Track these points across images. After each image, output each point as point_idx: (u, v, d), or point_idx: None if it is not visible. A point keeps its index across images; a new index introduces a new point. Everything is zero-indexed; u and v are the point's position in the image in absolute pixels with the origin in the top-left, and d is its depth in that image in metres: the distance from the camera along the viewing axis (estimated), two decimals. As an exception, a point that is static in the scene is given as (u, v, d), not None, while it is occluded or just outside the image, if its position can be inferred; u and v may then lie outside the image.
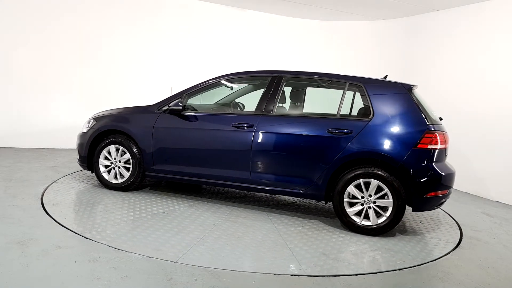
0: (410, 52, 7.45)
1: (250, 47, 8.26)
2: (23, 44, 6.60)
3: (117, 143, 4.55)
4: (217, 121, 4.34)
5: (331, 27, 8.55)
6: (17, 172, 5.13)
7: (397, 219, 3.77)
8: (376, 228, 3.81)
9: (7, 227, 3.32)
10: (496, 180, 5.92)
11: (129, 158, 4.52)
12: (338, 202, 3.90)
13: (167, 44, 7.59)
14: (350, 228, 3.91)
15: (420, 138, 3.75)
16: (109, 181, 4.64)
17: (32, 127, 6.83)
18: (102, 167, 4.64)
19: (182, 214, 4.05)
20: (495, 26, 5.98)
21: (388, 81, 4.22)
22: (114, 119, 4.67)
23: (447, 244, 3.87)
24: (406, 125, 3.85)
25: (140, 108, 4.71)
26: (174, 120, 4.39)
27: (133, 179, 4.54)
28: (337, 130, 3.90)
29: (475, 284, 3.05)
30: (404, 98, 3.95)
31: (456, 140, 6.41)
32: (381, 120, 3.87)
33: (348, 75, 4.25)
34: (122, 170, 4.59)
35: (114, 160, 4.60)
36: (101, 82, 7.16)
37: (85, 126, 4.80)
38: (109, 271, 2.71)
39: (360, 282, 2.91)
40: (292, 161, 4.06)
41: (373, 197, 3.80)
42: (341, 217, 3.93)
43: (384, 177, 3.74)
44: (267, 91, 4.25)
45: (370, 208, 3.82)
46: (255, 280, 2.80)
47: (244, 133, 4.11)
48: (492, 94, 5.97)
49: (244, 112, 4.77)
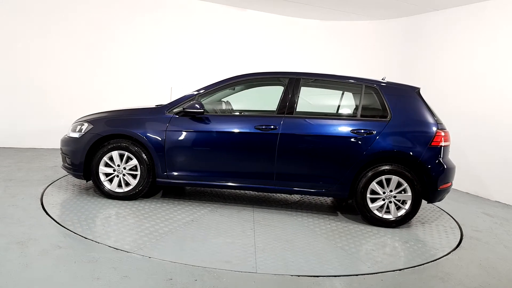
0: (410, 52, 7.45)
1: (250, 47, 8.26)
2: (23, 44, 6.60)
3: (121, 148, 4.18)
4: (238, 123, 4.25)
5: (331, 27, 8.55)
6: (17, 172, 5.13)
7: (415, 211, 4.13)
8: (396, 220, 4.14)
9: (7, 227, 3.32)
10: (496, 180, 5.92)
11: (136, 165, 4.19)
12: (361, 199, 4.11)
13: (167, 44, 7.59)
14: (373, 223, 4.17)
15: (433, 137, 4.12)
16: (112, 190, 4.26)
17: (32, 127, 6.83)
18: (103, 175, 4.26)
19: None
20: (495, 26, 5.98)
21: (399, 83, 4.48)
22: (117, 122, 4.32)
23: (448, 244, 3.87)
24: (420, 125, 4.20)
25: (144, 110, 4.41)
26: (189, 123, 4.18)
27: (141, 187, 4.22)
28: (361, 130, 4.11)
29: (475, 284, 3.04)
30: (416, 99, 4.32)
31: (457, 140, 6.41)
32: (399, 121, 4.17)
33: (362, 77, 4.46)
34: (128, 177, 4.24)
35: (117, 167, 4.24)
36: (101, 82, 7.17)
37: (75, 130, 4.37)
38: (109, 271, 2.71)
39: (360, 282, 2.91)
40: (317, 162, 4.18)
41: (394, 192, 4.09)
42: (364, 213, 4.16)
43: (405, 173, 4.04)
44: (287, 93, 4.27)
45: (390, 202, 4.12)
46: (255, 280, 2.79)
47: (268, 135, 4.11)
48: (492, 94, 5.97)
49: (265, 113, 4.55)
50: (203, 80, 7.60)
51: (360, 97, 4.32)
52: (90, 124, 4.30)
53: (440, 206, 5.29)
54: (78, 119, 4.57)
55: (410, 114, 4.24)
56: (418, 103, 4.29)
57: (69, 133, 4.43)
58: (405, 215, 4.12)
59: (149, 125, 4.21)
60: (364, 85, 4.35)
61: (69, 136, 4.41)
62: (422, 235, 4.09)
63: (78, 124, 4.41)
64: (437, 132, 4.15)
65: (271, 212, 4.37)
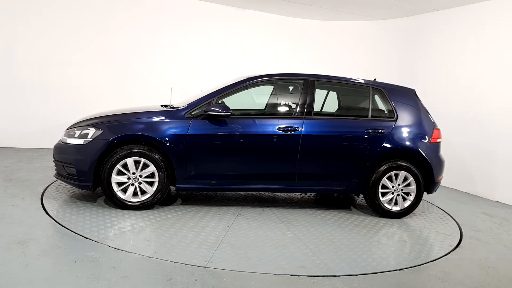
0: (410, 52, 7.45)
1: (250, 47, 8.26)
2: (23, 44, 6.60)
3: (138, 154, 3.90)
4: (260, 124, 4.22)
5: (331, 27, 8.55)
6: (17, 172, 5.13)
7: (418, 202, 4.51)
8: (403, 211, 4.52)
9: (7, 227, 3.32)
10: (496, 180, 5.92)
11: (153, 172, 3.94)
12: (373, 194, 4.41)
13: (167, 44, 7.58)
14: (383, 215, 4.49)
15: (432, 134, 4.57)
16: (127, 200, 3.94)
17: (32, 127, 6.83)
18: (115, 185, 3.95)
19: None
20: (495, 26, 5.98)
21: (400, 85, 4.84)
22: (131, 126, 3.98)
23: (447, 244, 3.87)
24: (421, 123, 4.60)
25: (158, 113, 4.13)
26: (211, 125, 4.05)
27: (159, 194, 3.99)
28: (374, 130, 4.39)
29: (475, 284, 3.05)
30: (415, 100, 4.73)
31: (457, 140, 6.41)
32: (404, 120, 4.54)
33: (368, 79, 4.75)
34: (145, 185, 3.97)
35: (132, 175, 3.95)
36: (101, 82, 7.16)
37: (77, 136, 4.00)
38: (109, 271, 2.71)
39: (360, 282, 2.91)
40: (336, 161, 4.38)
41: (401, 185, 4.45)
42: (376, 206, 4.46)
43: (411, 168, 4.41)
44: (304, 94, 4.38)
45: (398, 195, 4.47)
46: (255, 280, 2.80)
47: (291, 136, 4.20)
48: (492, 94, 5.97)
49: (285, 115, 4.48)
50: (203, 80, 7.63)
51: (369, 98, 4.59)
52: (98, 129, 3.94)
53: (440, 206, 5.30)
54: (76, 124, 4.18)
55: (412, 114, 4.60)
56: (418, 104, 4.70)
57: (67, 139, 4.07)
58: (410, 206, 4.49)
59: (169, 129, 3.98)
60: (371, 87, 4.63)
61: (68, 143, 4.04)
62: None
63: (79, 129, 4.05)
64: (434, 129, 4.61)
65: (291, 212, 4.44)
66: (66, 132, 4.17)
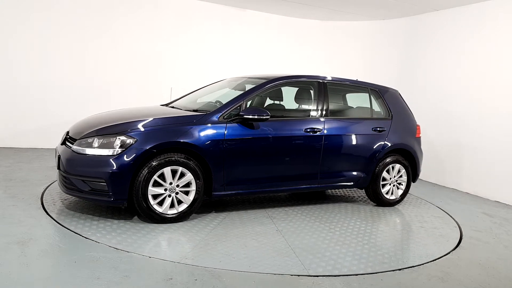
0: (410, 52, 7.45)
1: (250, 47, 8.26)
2: (23, 44, 6.59)
3: (176, 163, 3.64)
4: (289, 127, 4.30)
5: (331, 27, 8.55)
6: (17, 172, 5.13)
7: (407, 190, 5.12)
8: (397, 200, 5.05)
9: (7, 227, 3.32)
10: (496, 180, 5.92)
11: (190, 181, 3.73)
12: (376, 186, 4.84)
13: (167, 44, 7.58)
14: (383, 205, 4.97)
15: (416, 130, 5.16)
16: (164, 214, 3.67)
17: (32, 126, 6.83)
18: (151, 197, 3.63)
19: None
20: (495, 26, 5.98)
21: (387, 86, 5.27)
22: (171, 133, 3.67)
23: (447, 244, 3.87)
24: (409, 121, 5.16)
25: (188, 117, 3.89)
26: (245, 129, 3.99)
27: (196, 204, 3.81)
28: (378, 128, 4.81)
29: (475, 284, 3.05)
30: (401, 100, 5.26)
31: (456, 140, 6.42)
32: (397, 119, 5.03)
33: (365, 81, 5.14)
34: (182, 195, 3.74)
35: (169, 185, 3.69)
36: (101, 82, 7.16)
37: (102, 146, 3.54)
38: (109, 271, 2.71)
39: (360, 282, 2.91)
40: (352, 158, 4.70)
41: (396, 177, 4.97)
42: (378, 197, 4.91)
43: (403, 161, 4.98)
44: (319, 96, 4.58)
45: (394, 186, 4.97)
46: (255, 280, 2.80)
47: (316, 137, 4.38)
48: (492, 93, 5.97)
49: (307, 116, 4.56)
50: (203, 80, 7.61)
51: (370, 99, 5.00)
52: (130, 137, 3.54)
53: (440, 206, 5.30)
54: (95, 132, 3.66)
55: (401, 113, 5.12)
56: (403, 103, 5.25)
57: (85, 149, 3.57)
58: (402, 194, 5.06)
59: (206, 135, 3.79)
60: (369, 88, 5.04)
61: (88, 154, 3.56)
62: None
63: (100, 137, 3.59)
64: (417, 126, 5.19)
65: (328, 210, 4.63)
66: (80, 142, 3.65)
